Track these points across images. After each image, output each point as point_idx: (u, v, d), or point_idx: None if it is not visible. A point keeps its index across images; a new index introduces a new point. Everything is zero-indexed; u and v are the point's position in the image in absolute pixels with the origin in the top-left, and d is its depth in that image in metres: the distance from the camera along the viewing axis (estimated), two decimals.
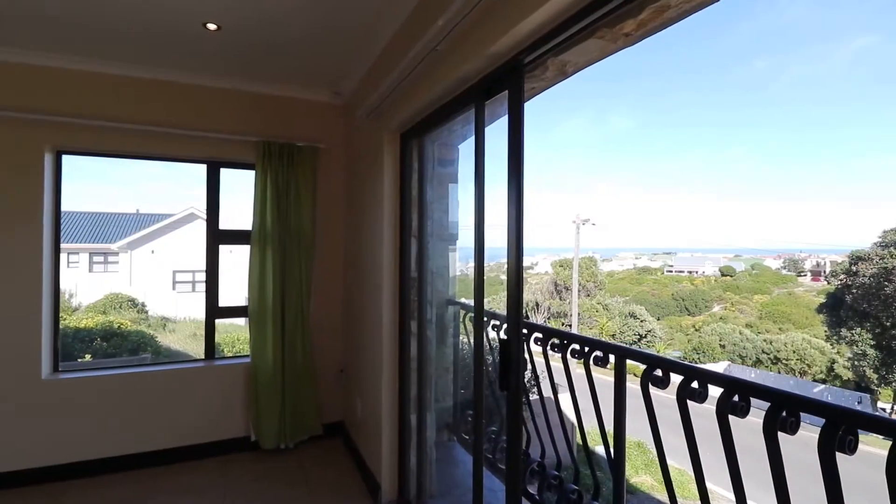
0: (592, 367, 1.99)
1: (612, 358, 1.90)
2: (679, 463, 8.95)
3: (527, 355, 2.43)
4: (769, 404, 1.18)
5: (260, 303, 3.29)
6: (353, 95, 3.37)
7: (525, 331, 2.39)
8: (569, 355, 2.12)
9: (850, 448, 1.01)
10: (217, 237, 3.44)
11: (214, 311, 3.45)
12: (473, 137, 1.87)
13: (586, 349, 2.02)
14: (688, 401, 1.50)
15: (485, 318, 2.62)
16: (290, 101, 3.50)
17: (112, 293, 15.18)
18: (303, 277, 3.41)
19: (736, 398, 1.27)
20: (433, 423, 2.69)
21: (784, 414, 1.14)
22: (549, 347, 2.26)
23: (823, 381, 22.50)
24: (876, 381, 15.63)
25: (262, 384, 3.29)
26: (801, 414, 1.16)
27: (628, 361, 1.76)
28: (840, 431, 1.00)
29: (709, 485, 1.46)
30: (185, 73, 3.18)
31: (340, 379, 3.65)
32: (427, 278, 2.68)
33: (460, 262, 2.89)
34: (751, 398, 1.28)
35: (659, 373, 1.71)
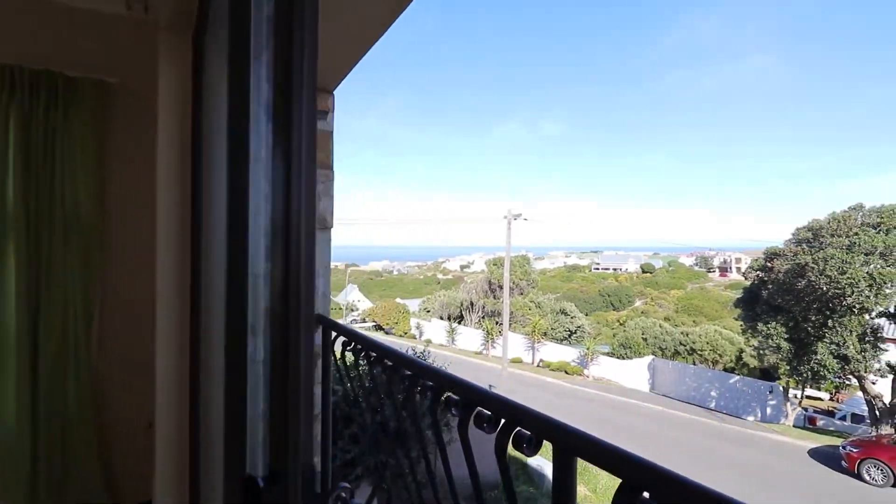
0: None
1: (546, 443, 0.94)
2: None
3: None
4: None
5: None
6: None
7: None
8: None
9: None
10: None
11: None
12: None
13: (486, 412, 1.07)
14: None
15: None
16: (51, 5, 2.21)
17: None
18: (75, 286, 2.15)
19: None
20: None
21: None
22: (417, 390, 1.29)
23: (733, 370, 23.84)
24: (787, 372, 16.46)
25: None
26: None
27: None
28: None
29: None
30: None
31: (150, 438, 2.42)
32: (251, 285, 1.58)
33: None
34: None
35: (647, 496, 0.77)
